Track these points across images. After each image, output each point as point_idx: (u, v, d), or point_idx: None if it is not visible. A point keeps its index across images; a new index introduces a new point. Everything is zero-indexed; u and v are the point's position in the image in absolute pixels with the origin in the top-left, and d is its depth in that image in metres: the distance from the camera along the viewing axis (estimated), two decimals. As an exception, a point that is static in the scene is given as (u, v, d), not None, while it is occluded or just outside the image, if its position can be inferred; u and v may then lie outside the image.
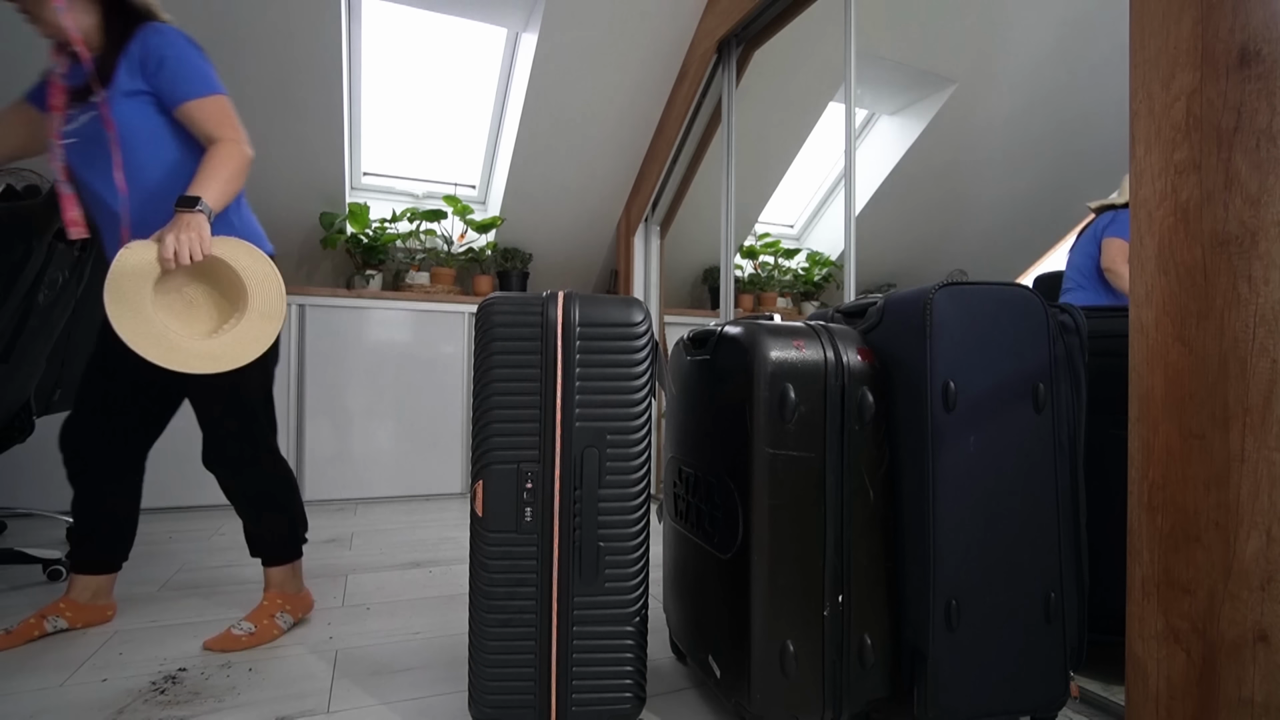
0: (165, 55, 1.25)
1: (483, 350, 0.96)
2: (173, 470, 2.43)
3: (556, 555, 0.96)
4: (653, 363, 1.00)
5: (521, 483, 0.95)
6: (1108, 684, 1.14)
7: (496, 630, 0.95)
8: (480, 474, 0.96)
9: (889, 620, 0.98)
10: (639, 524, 0.97)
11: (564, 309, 0.97)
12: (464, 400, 2.84)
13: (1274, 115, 0.70)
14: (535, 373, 0.96)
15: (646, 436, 0.98)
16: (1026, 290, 0.99)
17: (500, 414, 0.95)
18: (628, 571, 0.97)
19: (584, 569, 0.96)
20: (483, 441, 0.96)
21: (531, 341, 0.96)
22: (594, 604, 0.96)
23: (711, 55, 2.35)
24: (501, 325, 0.96)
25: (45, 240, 1.42)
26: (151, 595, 1.59)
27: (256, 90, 2.29)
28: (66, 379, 1.94)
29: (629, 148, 2.81)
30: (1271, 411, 0.71)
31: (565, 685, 0.96)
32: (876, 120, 3.33)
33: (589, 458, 0.96)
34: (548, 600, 0.96)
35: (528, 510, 0.95)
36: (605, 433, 0.96)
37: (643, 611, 0.98)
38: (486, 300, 0.98)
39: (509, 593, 0.95)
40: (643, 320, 0.98)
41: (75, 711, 1.06)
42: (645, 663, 0.99)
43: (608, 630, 0.96)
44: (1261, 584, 0.71)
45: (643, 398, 0.97)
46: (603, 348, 0.97)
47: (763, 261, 3.57)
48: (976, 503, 0.94)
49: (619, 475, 0.96)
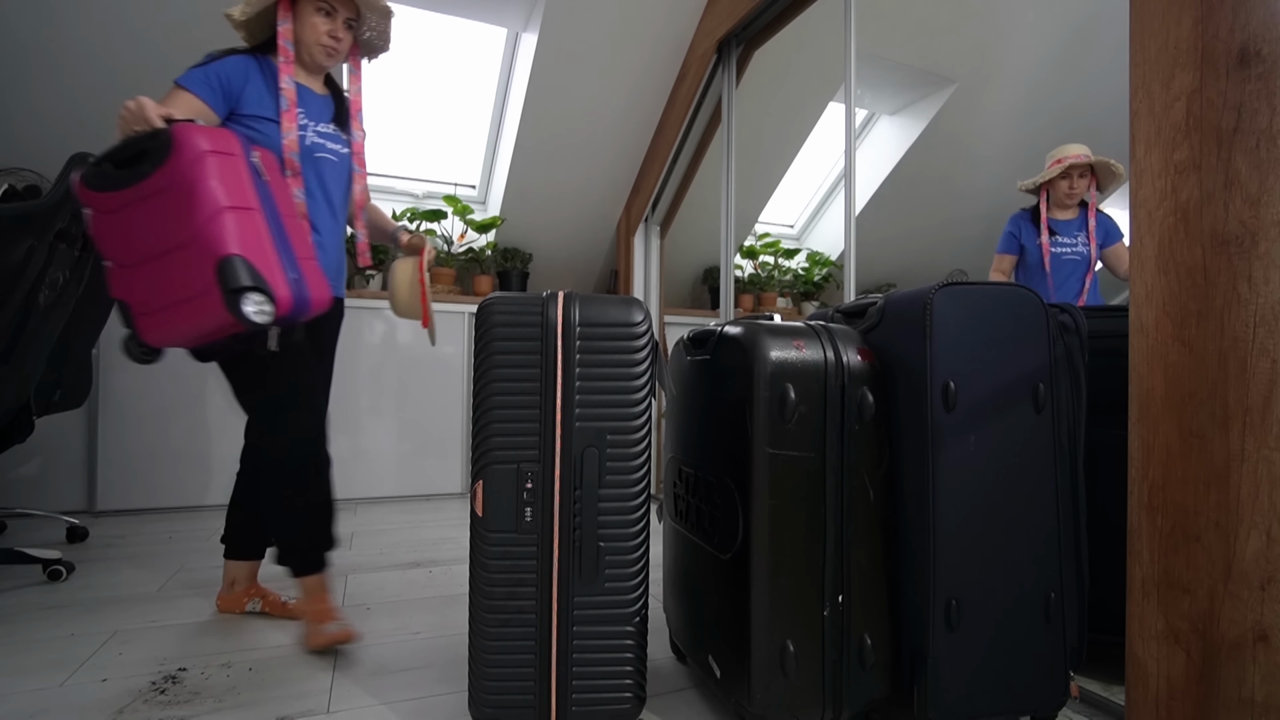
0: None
1: (483, 350, 0.96)
2: (173, 470, 2.43)
3: (556, 555, 0.95)
4: (653, 363, 0.99)
5: (521, 483, 0.95)
6: (1108, 684, 1.14)
7: (496, 630, 0.95)
8: (480, 474, 0.96)
9: (889, 620, 0.98)
10: (639, 524, 0.97)
11: (564, 309, 0.96)
12: (464, 400, 2.84)
13: (1274, 115, 0.70)
14: (535, 373, 0.95)
15: (646, 436, 0.98)
16: (1026, 290, 0.99)
17: (500, 414, 0.95)
18: (628, 571, 0.96)
19: (584, 569, 0.95)
20: (483, 441, 0.96)
21: (532, 342, 0.95)
22: (594, 604, 0.96)
23: (711, 55, 2.35)
24: (501, 325, 0.95)
25: (46, 241, 1.42)
26: (151, 595, 1.59)
27: (256, 90, 2.29)
28: (66, 379, 1.94)
29: (629, 148, 2.81)
30: (1271, 411, 0.70)
31: (565, 685, 0.96)
32: (876, 120, 3.33)
33: (589, 458, 0.95)
34: (548, 600, 0.95)
35: (528, 510, 0.95)
36: (605, 433, 0.96)
37: (643, 611, 0.98)
38: (486, 300, 0.97)
39: (509, 593, 0.95)
40: (643, 320, 0.98)
41: (75, 711, 1.06)
42: (645, 663, 0.99)
43: (608, 630, 0.96)
44: (1261, 584, 0.71)
45: (643, 398, 0.97)
46: (603, 348, 0.96)
47: (763, 261, 3.56)
48: (977, 503, 0.94)
49: (619, 475, 0.96)
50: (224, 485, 2.48)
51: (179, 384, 2.44)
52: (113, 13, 2.01)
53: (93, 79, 2.14)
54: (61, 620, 1.43)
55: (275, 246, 1.04)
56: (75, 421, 2.35)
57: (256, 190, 1.05)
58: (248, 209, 1.01)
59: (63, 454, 2.34)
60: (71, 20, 2.01)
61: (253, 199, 1.03)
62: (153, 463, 2.41)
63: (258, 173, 1.08)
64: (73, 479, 2.36)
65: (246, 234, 0.99)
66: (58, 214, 1.43)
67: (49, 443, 2.32)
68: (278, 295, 1.01)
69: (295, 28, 1.39)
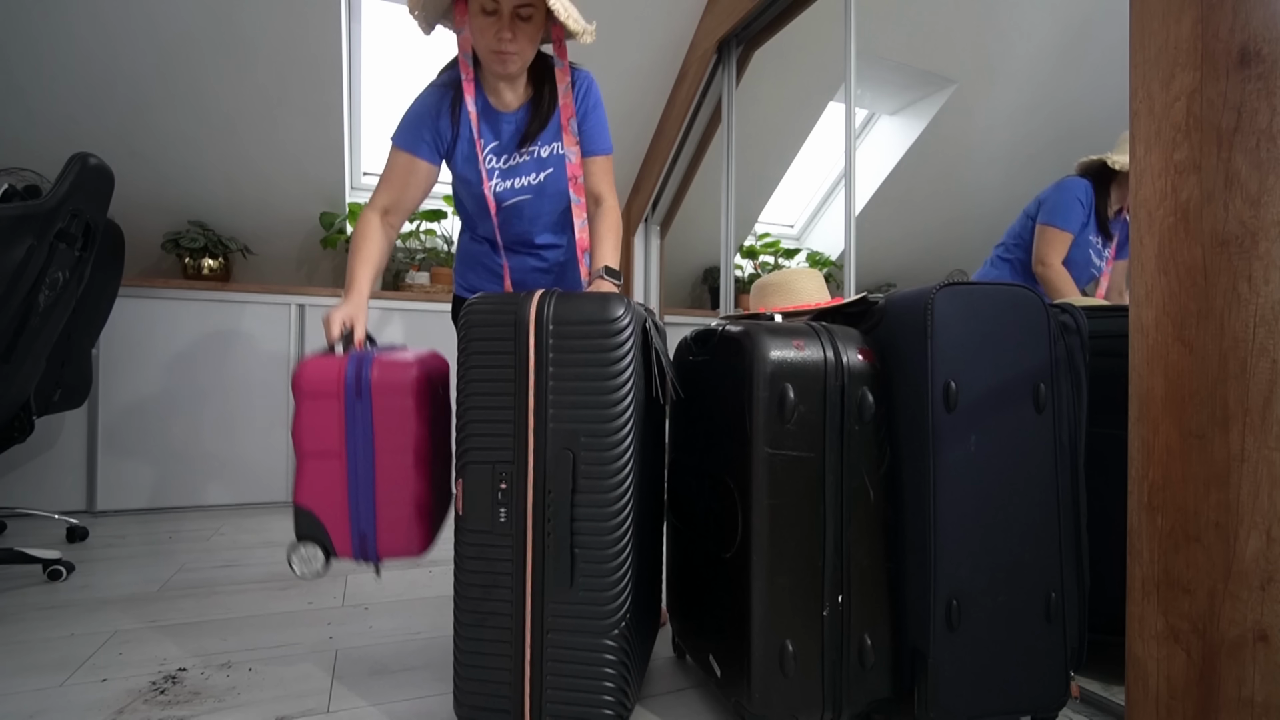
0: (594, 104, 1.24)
1: (463, 349, 0.96)
2: (173, 470, 2.43)
3: (530, 558, 0.93)
4: (634, 361, 0.94)
5: (496, 482, 0.94)
6: (1108, 684, 1.14)
7: (473, 629, 0.95)
8: (460, 472, 0.96)
9: (889, 620, 0.98)
10: (618, 530, 0.92)
11: (537, 307, 0.94)
12: (464, 400, 2.84)
13: (1274, 115, 0.70)
14: (509, 372, 0.94)
15: (627, 439, 0.92)
16: (1027, 290, 0.99)
17: (477, 414, 0.95)
18: (606, 580, 0.92)
19: (558, 574, 0.92)
20: (463, 440, 0.96)
21: (505, 341, 0.94)
22: (569, 612, 0.93)
23: (711, 55, 2.34)
24: (478, 325, 0.95)
25: (47, 241, 1.42)
26: (151, 595, 1.59)
27: (257, 90, 2.29)
28: (66, 379, 1.94)
29: (629, 148, 2.81)
30: (1271, 411, 0.70)
31: (539, 692, 0.94)
32: (876, 120, 3.33)
33: (562, 460, 0.92)
34: (521, 604, 0.93)
35: (502, 510, 0.94)
36: (580, 435, 0.92)
37: (623, 623, 0.93)
38: (470, 299, 0.97)
39: (484, 593, 0.94)
40: (621, 316, 0.93)
41: (75, 711, 1.06)
42: (628, 677, 0.95)
43: (584, 640, 0.93)
44: (1261, 584, 0.71)
45: (623, 398, 0.92)
46: (576, 346, 0.93)
47: (763, 261, 3.56)
48: (977, 503, 0.94)
49: (596, 480, 0.92)
50: (224, 485, 2.48)
51: (179, 384, 2.44)
52: (113, 13, 2.01)
53: (93, 79, 2.14)
54: (61, 620, 1.43)
55: (350, 497, 1.01)
56: (75, 421, 2.35)
57: (347, 430, 1.01)
58: (326, 455, 1.00)
59: (63, 454, 2.34)
60: (71, 20, 2.01)
61: (336, 442, 1.00)
62: (153, 463, 2.40)
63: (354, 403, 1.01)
64: (73, 479, 2.36)
65: (317, 484, 1.00)
66: (58, 214, 1.43)
67: (49, 443, 2.32)
68: (337, 550, 1.01)
69: (472, 36, 1.13)
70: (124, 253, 2.08)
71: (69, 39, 2.05)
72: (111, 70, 2.14)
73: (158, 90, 2.21)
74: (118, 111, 2.24)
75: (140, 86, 2.19)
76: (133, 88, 2.19)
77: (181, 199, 2.55)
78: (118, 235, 2.02)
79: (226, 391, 2.49)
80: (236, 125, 2.37)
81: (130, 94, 2.20)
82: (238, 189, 2.58)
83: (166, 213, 2.57)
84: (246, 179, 2.55)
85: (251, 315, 2.53)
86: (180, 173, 2.46)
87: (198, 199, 2.56)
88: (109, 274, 2.00)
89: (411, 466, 1.02)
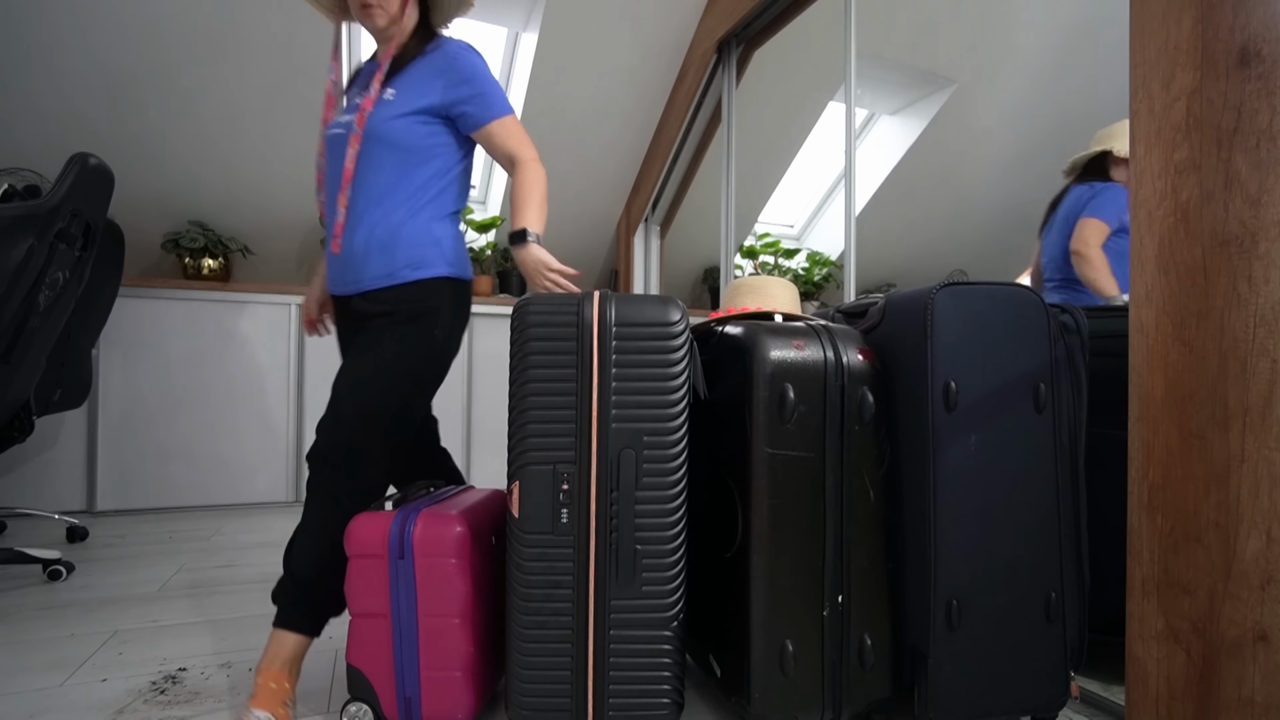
0: (468, 73, 1.17)
1: (519, 350, 0.95)
2: (173, 470, 2.43)
3: (593, 558, 0.94)
4: (690, 363, 0.97)
5: (558, 484, 0.94)
6: (1108, 684, 1.14)
7: (533, 633, 0.94)
8: (516, 474, 0.94)
9: (889, 620, 0.98)
10: (677, 526, 0.95)
11: (600, 308, 0.95)
12: (464, 400, 2.84)
13: (1274, 115, 0.70)
14: (571, 373, 0.94)
15: (684, 438, 0.95)
16: (1027, 290, 0.98)
17: (536, 414, 0.94)
18: (665, 575, 0.94)
19: (621, 572, 0.94)
20: (519, 442, 0.95)
21: (568, 342, 0.94)
22: (631, 607, 0.94)
23: (711, 55, 2.35)
24: (537, 325, 0.94)
25: (47, 241, 1.42)
26: (151, 595, 1.59)
27: (257, 90, 2.29)
28: (66, 379, 1.94)
29: (629, 148, 2.81)
30: (1271, 411, 0.70)
31: (602, 689, 0.94)
32: (876, 120, 3.33)
33: (626, 459, 0.94)
34: (584, 603, 0.94)
35: (564, 512, 0.94)
36: (642, 434, 0.94)
37: (680, 615, 0.96)
38: (522, 300, 0.96)
39: (545, 595, 0.94)
40: (680, 319, 0.96)
41: (75, 711, 1.06)
42: (683, 666, 0.97)
43: (645, 634, 0.94)
44: (1261, 584, 0.71)
45: (680, 398, 0.94)
46: (640, 347, 0.94)
47: (763, 261, 3.56)
48: (977, 503, 0.94)
49: (656, 477, 0.94)
50: (224, 485, 2.48)
51: (179, 384, 2.44)
52: (113, 13, 2.01)
53: (93, 79, 2.14)
54: (61, 620, 1.42)
55: (395, 659, 1.01)
56: (75, 421, 2.35)
57: (390, 590, 1.01)
58: (373, 615, 1.01)
59: (63, 454, 2.34)
60: (71, 20, 2.01)
61: (383, 603, 1.01)
62: (153, 463, 2.40)
63: (396, 563, 1.01)
64: (73, 479, 2.36)
65: (365, 644, 1.02)
66: (58, 214, 1.43)
67: (49, 443, 2.32)
68: (385, 712, 1.02)
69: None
70: (124, 253, 2.08)
71: (68, 39, 2.05)
72: (111, 70, 2.14)
73: (158, 90, 2.21)
74: (117, 111, 2.24)
75: (140, 86, 2.19)
76: (132, 88, 2.19)
77: (181, 199, 2.55)
78: (118, 235, 2.02)
79: (226, 391, 2.49)
80: (237, 125, 2.37)
81: (130, 94, 2.20)
82: (238, 189, 2.58)
83: (166, 213, 2.57)
84: (246, 179, 2.55)
85: (251, 315, 2.53)
86: (180, 173, 2.46)
87: (198, 199, 2.56)
88: (109, 274, 2.00)
89: (457, 629, 1.00)
